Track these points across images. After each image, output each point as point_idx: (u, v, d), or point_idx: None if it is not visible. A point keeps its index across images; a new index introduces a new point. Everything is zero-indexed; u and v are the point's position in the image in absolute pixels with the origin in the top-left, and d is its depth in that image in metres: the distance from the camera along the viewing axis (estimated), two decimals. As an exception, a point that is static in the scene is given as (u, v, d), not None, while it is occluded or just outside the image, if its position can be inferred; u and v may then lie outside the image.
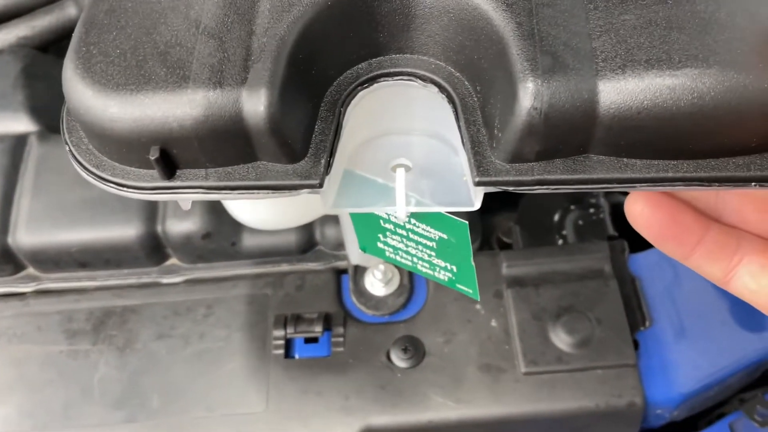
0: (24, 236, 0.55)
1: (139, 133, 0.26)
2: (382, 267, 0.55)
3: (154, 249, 0.56)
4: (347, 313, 0.54)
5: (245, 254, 0.57)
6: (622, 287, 0.54)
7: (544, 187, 0.26)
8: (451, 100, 0.28)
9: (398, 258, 0.36)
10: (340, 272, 0.57)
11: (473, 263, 0.33)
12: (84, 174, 0.28)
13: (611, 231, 0.58)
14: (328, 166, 0.27)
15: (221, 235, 0.56)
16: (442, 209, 0.31)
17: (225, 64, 0.25)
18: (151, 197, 0.27)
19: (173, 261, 0.58)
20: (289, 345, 0.53)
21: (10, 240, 0.55)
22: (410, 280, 0.55)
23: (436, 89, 0.28)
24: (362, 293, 0.55)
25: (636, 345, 0.52)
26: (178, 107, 0.25)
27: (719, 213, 0.31)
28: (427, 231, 0.33)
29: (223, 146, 0.26)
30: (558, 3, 0.26)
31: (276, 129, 0.25)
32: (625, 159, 0.26)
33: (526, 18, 0.25)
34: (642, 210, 0.29)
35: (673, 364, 0.52)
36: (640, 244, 0.57)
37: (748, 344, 0.53)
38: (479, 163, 0.26)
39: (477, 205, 0.29)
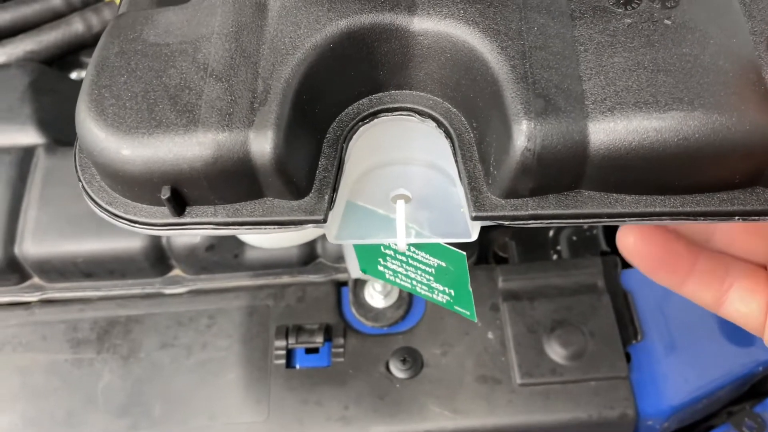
0: (30, 246, 0.56)
1: (150, 173, 0.27)
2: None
3: (158, 260, 0.57)
4: (347, 325, 0.55)
5: (247, 266, 0.58)
6: (615, 302, 0.55)
7: (538, 221, 0.27)
8: (448, 135, 0.29)
9: (397, 280, 0.37)
10: (340, 284, 0.58)
11: (470, 289, 0.34)
12: (97, 210, 0.29)
13: (604, 247, 0.60)
14: (332, 201, 0.28)
15: (224, 247, 0.57)
16: (441, 240, 0.32)
17: (233, 107, 0.26)
18: (162, 233, 0.29)
19: (177, 272, 0.59)
20: (290, 355, 0.54)
21: (16, 250, 0.56)
22: (409, 293, 0.57)
23: (434, 124, 0.29)
24: (362, 305, 0.56)
25: (628, 358, 0.53)
26: (188, 149, 0.26)
27: (708, 236, 0.33)
28: (426, 258, 0.34)
29: (231, 185, 0.27)
30: (550, 46, 0.27)
31: (282, 168, 0.26)
32: (614, 195, 0.27)
33: (520, 61, 0.26)
34: (634, 243, 0.31)
35: (663, 377, 0.53)
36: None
37: (736, 358, 0.54)
38: (476, 198, 0.27)
39: (474, 237, 0.30)
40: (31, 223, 0.57)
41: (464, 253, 0.32)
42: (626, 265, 0.58)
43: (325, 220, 0.28)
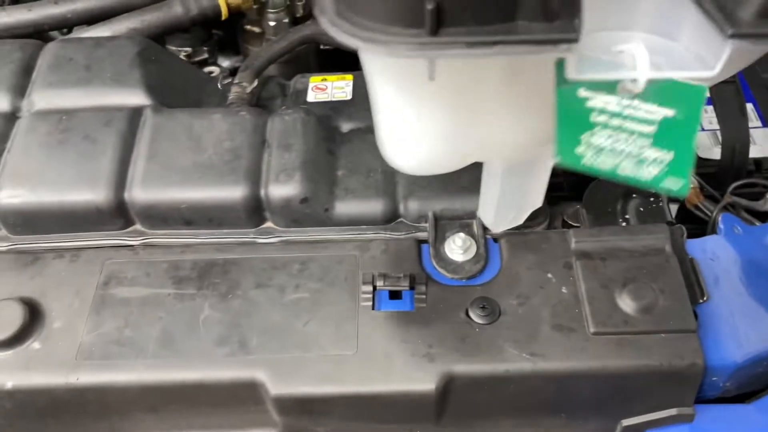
0: (139, 192, 0.61)
1: None
2: (462, 235, 0.60)
3: (254, 211, 0.62)
4: (428, 276, 0.59)
5: (335, 221, 0.62)
6: (682, 265, 0.58)
7: None
8: None
9: (598, 162, 0.36)
10: (421, 242, 0.62)
11: (695, 145, 0.34)
12: (348, 38, 0.31)
13: (670, 218, 0.63)
14: (581, 24, 0.29)
15: (317, 200, 0.61)
16: (684, 74, 0.32)
17: None
18: (417, 54, 0.30)
19: (269, 224, 0.63)
20: (375, 299, 0.58)
21: (126, 195, 0.61)
22: (486, 250, 0.60)
23: None
24: (442, 258, 0.60)
25: (695, 316, 0.56)
26: None
27: None
28: (650, 112, 0.34)
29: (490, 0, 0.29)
30: None
31: None
32: None
33: None
34: None
35: (727, 336, 0.56)
36: (694, 233, 0.63)
37: (796, 326, 0.57)
38: (728, 19, 0.28)
39: (718, 69, 0.31)
40: (139, 172, 0.62)
41: (705, 85, 0.32)
42: (690, 235, 0.61)
43: (577, 40, 0.29)
